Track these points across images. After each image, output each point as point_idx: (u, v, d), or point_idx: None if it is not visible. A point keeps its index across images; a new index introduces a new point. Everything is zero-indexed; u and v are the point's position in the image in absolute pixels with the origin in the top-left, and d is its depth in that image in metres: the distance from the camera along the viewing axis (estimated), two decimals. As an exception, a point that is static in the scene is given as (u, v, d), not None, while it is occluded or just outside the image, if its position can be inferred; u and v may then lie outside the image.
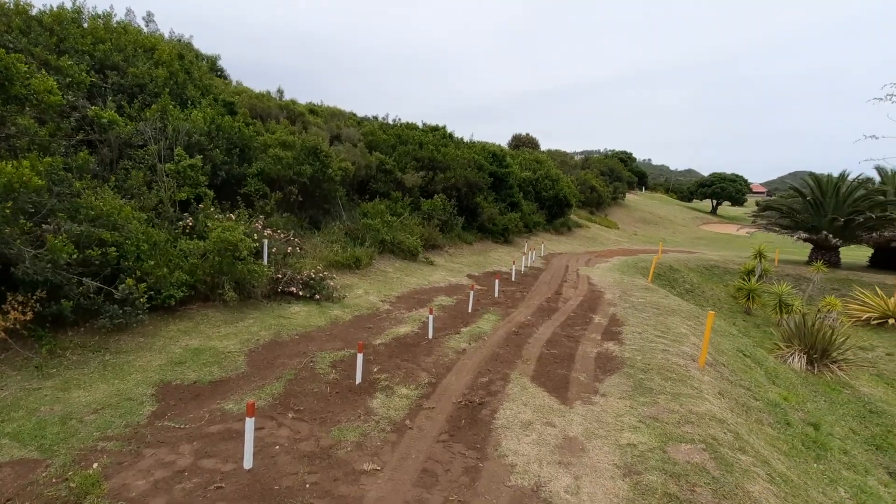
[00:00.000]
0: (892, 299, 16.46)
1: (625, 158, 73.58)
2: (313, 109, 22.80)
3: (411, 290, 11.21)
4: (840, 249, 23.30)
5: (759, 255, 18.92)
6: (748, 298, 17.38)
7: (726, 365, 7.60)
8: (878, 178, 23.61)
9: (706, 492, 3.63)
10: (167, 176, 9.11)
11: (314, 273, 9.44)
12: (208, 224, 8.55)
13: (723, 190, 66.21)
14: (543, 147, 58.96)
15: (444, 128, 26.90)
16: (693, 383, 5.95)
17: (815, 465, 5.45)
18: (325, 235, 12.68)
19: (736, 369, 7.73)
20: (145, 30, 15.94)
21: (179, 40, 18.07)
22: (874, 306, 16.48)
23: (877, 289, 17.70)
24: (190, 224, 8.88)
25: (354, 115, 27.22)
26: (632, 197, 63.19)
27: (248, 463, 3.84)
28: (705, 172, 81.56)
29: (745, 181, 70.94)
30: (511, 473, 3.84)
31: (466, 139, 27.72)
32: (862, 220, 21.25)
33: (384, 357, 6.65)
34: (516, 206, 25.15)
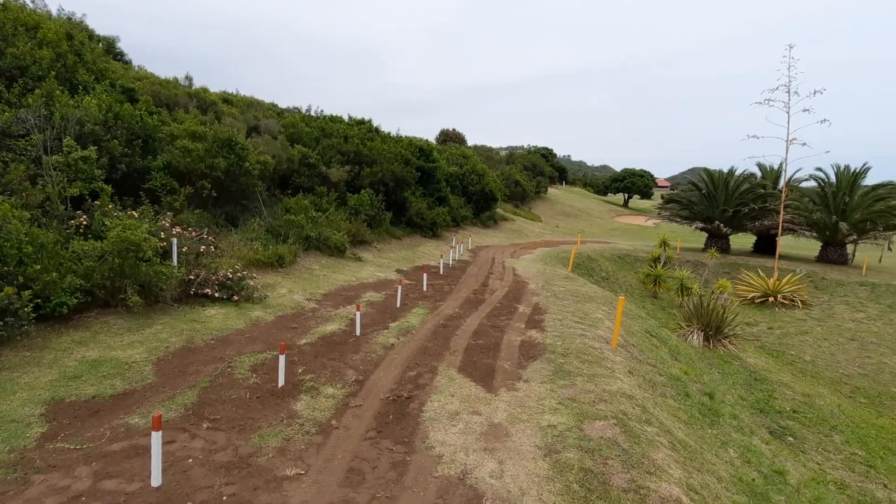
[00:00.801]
0: (772, 280, 18.79)
1: (546, 154, 76.96)
2: (228, 99, 21.39)
3: (339, 287, 10.95)
4: (730, 237, 26.17)
5: (664, 243, 20.73)
6: (655, 283, 18.98)
7: (636, 345, 8.25)
8: (759, 174, 26.73)
9: (617, 463, 3.93)
10: (55, 169, 8.12)
11: (232, 273, 8.91)
12: (106, 223, 7.74)
13: (633, 184, 71.54)
14: (470, 142, 60.05)
15: (370, 121, 26.47)
16: (607, 364, 6.40)
17: (710, 430, 6.10)
18: (244, 233, 11.99)
19: (644, 349, 8.43)
20: (30, 5, 14.05)
21: (69, 18, 16.13)
22: (757, 286, 18.71)
23: (759, 271, 20.10)
24: (85, 223, 7.99)
25: (275, 105, 25.92)
26: (553, 191, 66.33)
27: (156, 480, 3.56)
28: (618, 168, 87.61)
29: (652, 176, 77.21)
30: (438, 464, 3.91)
31: (393, 133, 27.51)
32: (747, 210, 24.00)
33: (310, 357, 6.45)
34: (444, 201, 25.41)
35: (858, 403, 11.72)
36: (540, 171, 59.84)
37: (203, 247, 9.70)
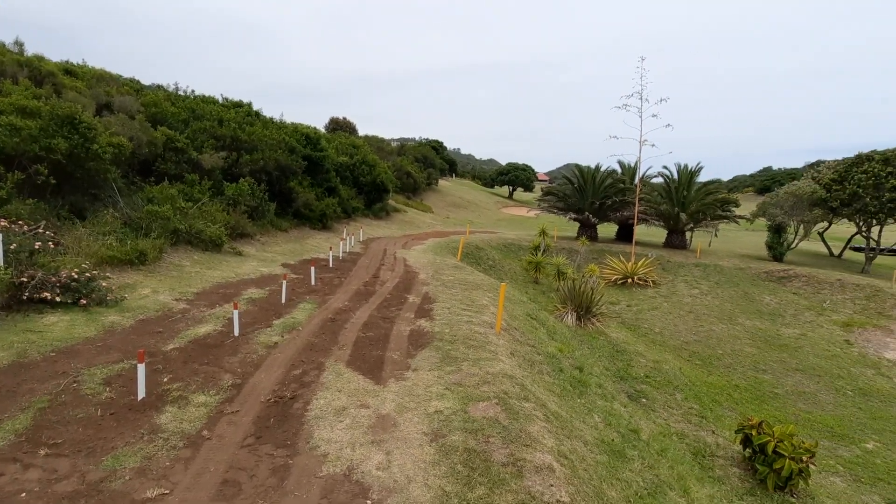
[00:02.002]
0: (629, 264, 21.41)
1: (437, 147, 78.36)
2: (71, 70, 18.23)
3: (215, 284, 10.04)
4: (597, 226, 29.25)
5: (543, 233, 22.47)
6: (536, 270, 20.50)
7: (518, 328, 8.85)
8: (619, 170, 30.18)
9: (497, 440, 4.19)
10: None
11: (78, 273, 7.67)
12: None
13: (517, 178, 76.15)
14: (361, 132, 58.77)
15: (249, 104, 24.53)
16: (491, 347, 6.77)
17: (579, 400, 6.79)
18: (95, 226, 10.38)
19: (525, 331, 9.08)
20: None
21: None
22: (618, 270, 21.19)
23: (620, 256, 22.77)
24: None
25: (136, 81, 22.70)
26: (444, 183, 67.92)
27: (-30, 526, 2.95)
28: (504, 162, 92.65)
29: (533, 170, 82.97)
30: (323, 463, 3.81)
31: (277, 119, 25.84)
32: (610, 203, 26.99)
33: (178, 363, 5.84)
34: (334, 191, 24.61)
35: (694, 365, 13.94)
36: (431, 163, 60.79)
37: (38, 243, 8.20)
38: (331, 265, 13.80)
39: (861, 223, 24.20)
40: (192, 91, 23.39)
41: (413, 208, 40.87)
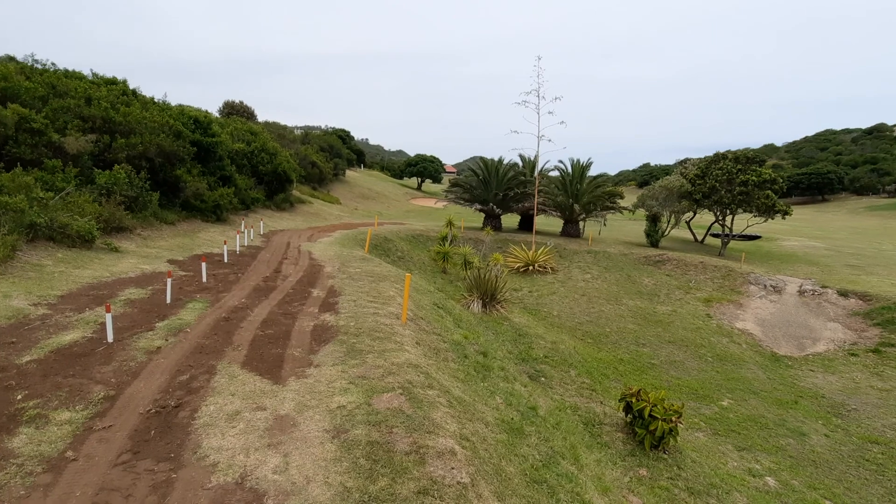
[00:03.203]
0: (531, 252, 22.70)
1: (344, 136, 76.17)
2: None
3: (85, 285, 8.84)
4: (501, 217, 30.55)
5: (450, 223, 22.96)
6: (444, 260, 20.91)
7: (424, 318, 8.98)
8: (521, 163, 31.74)
9: (401, 430, 4.23)
10: None
11: None
12: None
13: (425, 169, 76.72)
14: (261, 118, 55.09)
15: (124, 82, 21.80)
16: (396, 338, 6.79)
17: (482, 383, 7.09)
18: (-86, 221, 8.57)
19: (431, 320, 9.23)
20: None
21: None
22: (521, 258, 22.37)
23: (522, 245, 24.04)
24: None
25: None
26: (352, 174, 66.31)
27: None
28: (412, 153, 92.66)
29: (441, 162, 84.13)
30: (213, 474, 3.56)
31: (159, 99, 23.26)
32: (513, 194, 28.33)
33: (36, 378, 5.07)
34: (229, 181, 22.86)
35: (587, 343, 15.23)
36: (338, 153, 58.90)
37: None
38: (226, 260, 12.83)
39: (718, 213, 28.07)
40: (53, 64, 20.17)
41: (319, 199, 39.37)
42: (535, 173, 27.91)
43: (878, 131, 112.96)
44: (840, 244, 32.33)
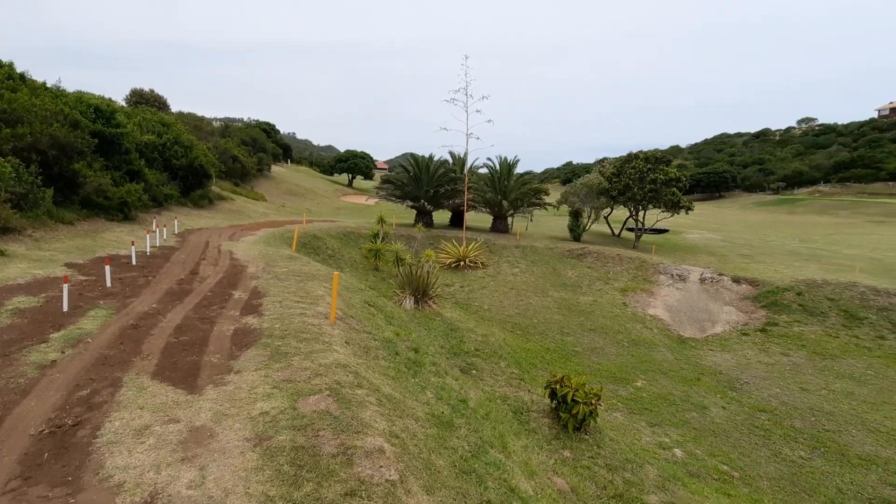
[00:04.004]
0: (462, 248, 23.10)
1: (269, 129, 72.70)
2: None
3: (-46, 295, 7.72)
4: (433, 214, 30.76)
5: (381, 220, 22.75)
6: (375, 257, 20.69)
7: (354, 316, 8.84)
8: (451, 160, 32.13)
9: (328, 432, 4.16)
10: None
11: None
12: None
13: (356, 165, 75.24)
14: (175, 108, 50.98)
15: (10, 65, 19.26)
16: (325, 339, 6.63)
17: (413, 379, 7.13)
18: None
19: (362, 318, 9.12)
20: None
21: None
22: (452, 254, 22.69)
23: (453, 241, 24.39)
24: None
25: None
26: (278, 169, 63.48)
27: None
28: (343, 148, 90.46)
29: (372, 158, 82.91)
30: (117, 495, 3.28)
31: (52, 85, 20.78)
32: (443, 191, 28.62)
33: None
34: (138, 176, 20.99)
35: (516, 335, 15.81)
36: (262, 147, 56.06)
37: None
38: (134, 262, 11.79)
39: (632, 208, 30.26)
40: None
41: (242, 196, 37.28)
42: (465, 170, 28.38)
43: (763, 135, 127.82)
44: (734, 236, 36.17)
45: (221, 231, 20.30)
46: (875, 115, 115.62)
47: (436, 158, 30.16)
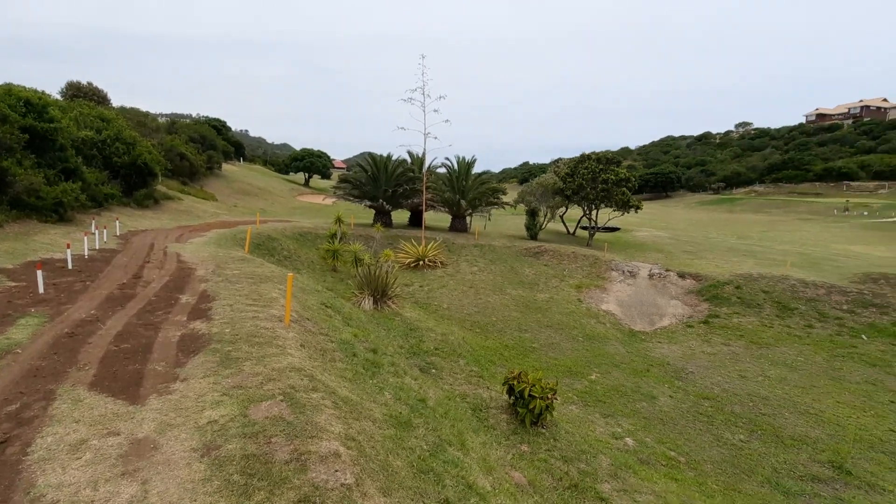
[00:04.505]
0: (421, 247, 23.09)
1: (219, 127, 69.97)
2: None
3: None
4: (391, 213, 30.57)
5: (339, 220, 22.39)
6: (333, 258, 20.34)
7: (310, 319, 8.66)
8: (409, 160, 32.03)
9: (281, 438, 4.06)
10: None
11: None
12: None
13: (312, 164, 73.59)
14: (116, 103, 47.99)
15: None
16: (278, 342, 6.47)
17: (371, 380, 7.07)
18: None
19: (318, 320, 8.94)
20: None
21: None
22: (412, 253, 22.64)
23: (412, 241, 24.33)
24: None
25: None
26: (230, 168, 61.17)
27: None
28: (299, 147, 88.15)
29: (329, 157, 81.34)
30: (49, 514, 3.07)
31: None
32: (402, 191, 28.50)
33: None
34: (75, 174, 19.67)
35: (475, 333, 15.97)
36: (212, 144, 53.75)
37: None
38: (70, 267, 11.05)
39: (585, 207, 31.24)
40: None
41: (191, 196, 35.63)
42: (424, 170, 28.36)
43: (705, 138, 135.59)
44: (679, 234, 38.07)
45: (168, 232, 19.34)
46: (804, 120, 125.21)
47: (394, 158, 29.98)
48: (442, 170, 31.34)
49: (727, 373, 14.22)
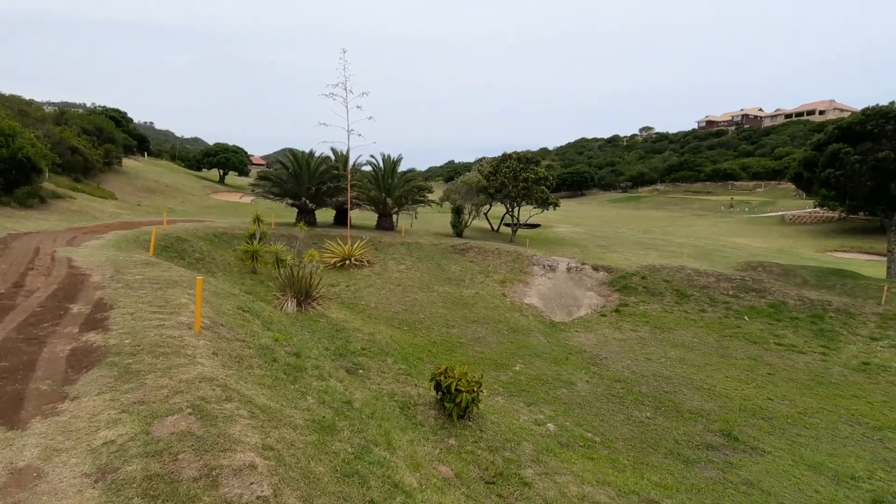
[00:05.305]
0: (347, 246, 22.62)
1: (119, 118, 63.64)
2: None
3: None
4: (315, 212, 29.61)
5: (258, 219, 21.27)
6: (253, 259, 19.30)
7: (224, 324, 8.16)
8: (333, 157, 31.22)
9: (189, 454, 3.80)
10: None
11: None
12: None
13: (227, 160, 69.15)
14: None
15: None
16: (187, 351, 6.03)
17: (293, 386, 6.82)
18: None
19: (234, 326, 8.45)
20: None
21: None
22: (337, 253, 22.12)
23: (338, 240, 23.77)
24: None
25: None
26: (133, 163, 55.82)
27: None
28: (212, 142, 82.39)
29: (246, 153, 76.98)
30: None
31: None
32: (326, 188, 27.72)
33: None
34: (-72, 169, 16.83)
35: (403, 331, 15.96)
36: (110, 137, 48.60)
37: None
38: (-74, 277, 9.48)
39: (508, 205, 32.40)
40: None
41: (85, 194, 31.97)
42: (349, 168, 27.75)
43: (614, 141, 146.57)
44: (593, 229, 40.74)
45: (58, 235, 17.23)
46: (696, 126, 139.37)
47: (317, 155, 29.04)
48: (367, 168, 30.89)
49: (635, 356, 15.47)
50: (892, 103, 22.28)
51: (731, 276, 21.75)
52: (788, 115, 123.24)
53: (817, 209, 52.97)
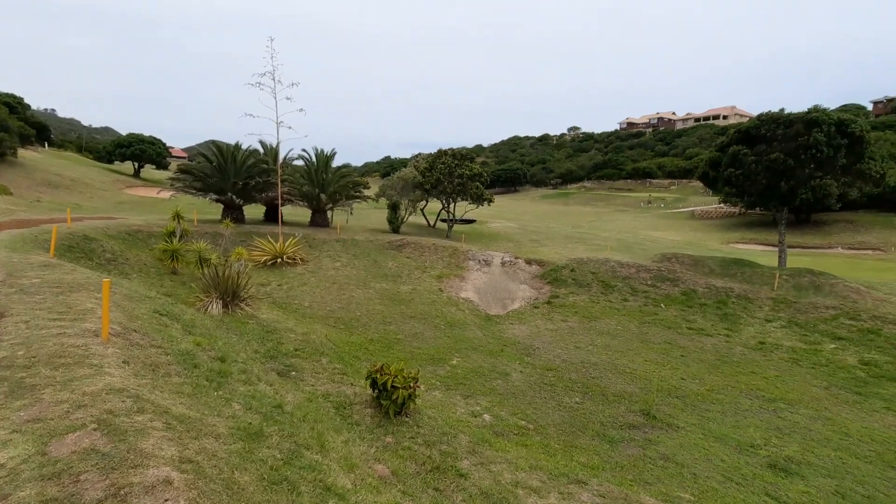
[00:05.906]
0: (278, 244, 21.71)
1: (14, 104, 56.74)
2: None
3: None
4: (243, 208, 28.11)
5: (177, 216, 19.83)
6: (173, 259, 17.97)
7: (138, 330, 7.54)
8: (262, 150, 29.77)
9: (93, 474, 3.47)
10: None
11: None
12: None
13: (143, 152, 63.76)
14: None
15: None
16: (93, 361, 5.50)
17: (216, 392, 6.44)
18: None
19: (150, 331, 7.83)
20: None
21: None
22: (268, 250, 21.18)
23: (269, 237, 22.75)
24: None
25: None
26: (31, 154, 49.91)
27: None
28: (125, 132, 75.47)
29: (165, 145, 71.38)
30: None
31: None
32: (254, 183, 26.40)
33: None
34: None
35: (339, 330, 15.61)
36: (3, 125, 43.02)
37: None
38: None
39: (444, 201, 32.68)
40: None
41: (-34, 188, 28.10)
42: (279, 162, 26.59)
43: (545, 139, 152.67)
44: (526, 224, 42.16)
45: (-72, 235, 15.01)
46: (618, 127, 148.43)
47: (245, 147, 27.52)
48: (299, 162, 29.79)
49: (566, 345, 16.24)
50: (781, 110, 24.97)
51: (649, 266, 23.42)
52: (697, 119, 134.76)
53: (721, 205, 58.46)
